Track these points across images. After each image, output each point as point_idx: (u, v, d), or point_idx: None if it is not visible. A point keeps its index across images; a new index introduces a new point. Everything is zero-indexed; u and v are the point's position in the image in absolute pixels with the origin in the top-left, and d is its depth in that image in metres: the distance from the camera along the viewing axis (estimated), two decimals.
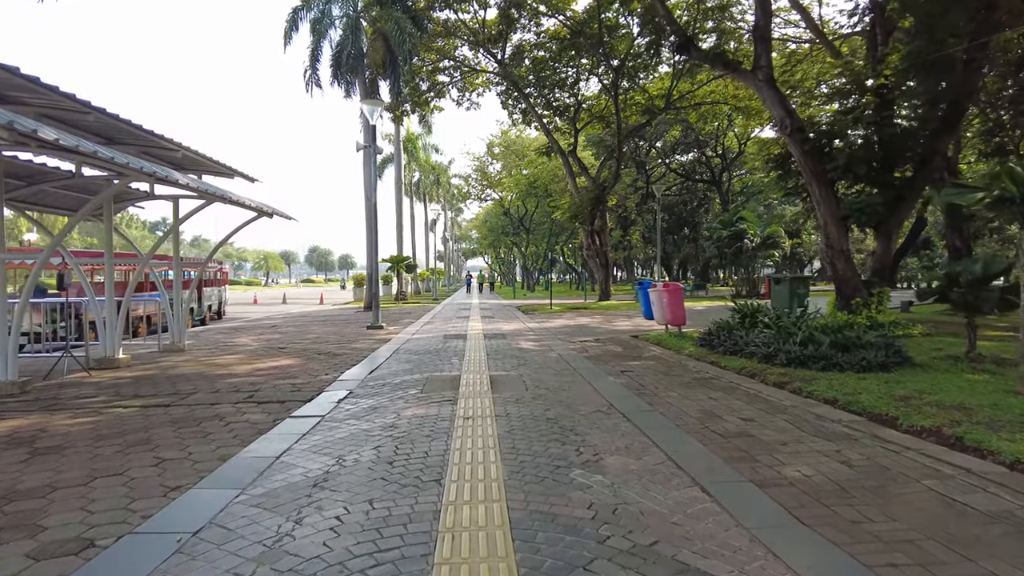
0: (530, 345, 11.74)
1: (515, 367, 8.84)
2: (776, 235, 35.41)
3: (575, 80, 29.29)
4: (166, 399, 6.92)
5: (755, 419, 5.69)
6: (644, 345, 11.60)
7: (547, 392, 6.89)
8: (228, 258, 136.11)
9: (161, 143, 9.74)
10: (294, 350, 11.52)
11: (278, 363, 9.76)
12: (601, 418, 5.67)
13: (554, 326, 16.15)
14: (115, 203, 12.41)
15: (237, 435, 5.28)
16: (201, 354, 11.20)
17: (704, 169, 55.49)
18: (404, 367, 8.92)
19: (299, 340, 13.51)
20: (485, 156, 51.02)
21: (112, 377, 8.61)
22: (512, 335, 13.69)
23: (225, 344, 13.04)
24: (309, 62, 25.41)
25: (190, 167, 11.89)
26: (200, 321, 22.35)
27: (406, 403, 6.32)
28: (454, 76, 31.09)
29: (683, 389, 7.23)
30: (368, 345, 12.11)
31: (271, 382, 7.94)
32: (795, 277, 20.98)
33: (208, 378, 8.36)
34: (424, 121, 37.54)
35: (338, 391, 7.15)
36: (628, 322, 17.14)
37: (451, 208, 73.58)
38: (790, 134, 12.72)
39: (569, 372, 8.41)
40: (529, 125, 34.34)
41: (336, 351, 11.22)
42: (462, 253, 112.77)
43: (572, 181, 29.99)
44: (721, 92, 32.60)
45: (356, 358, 10.13)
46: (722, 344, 10.15)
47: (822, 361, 8.24)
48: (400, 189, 38.29)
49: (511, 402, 6.27)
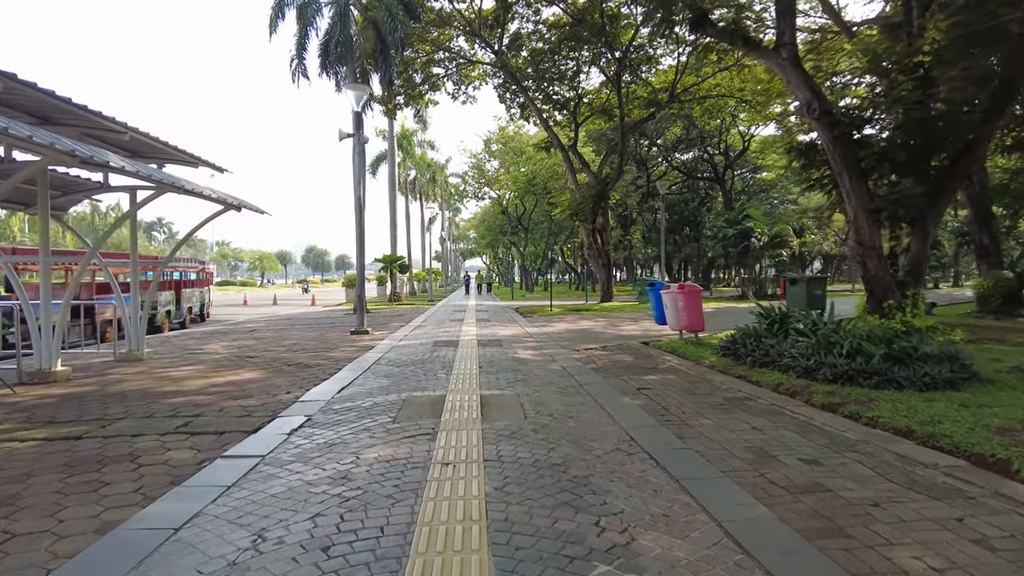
0: (529, 354, 10.43)
1: (511, 383, 7.52)
2: (784, 234, 34.18)
3: (575, 72, 27.99)
4: (83, 427, 5.61)
5: (820, 461, 4.39)
6: (658, 354, 10.29)
7: (551, 420, 5.57)
8: (224, 258, 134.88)
9: (105, 124, 8.43)
10: (263, 360, 10.20)
11: (239, 377, 8.44)
12: (623, 462, 4.37)
13: (555, 331, 14.85)
14: (66, 195, 11.14)
15: (141, 487, 3.97)
16: (158, 365, 9.88)
17: (707, 167, 54.23)
18: (380, 384, 7.60)
19: (274, 347, 12.20)
20: (482, 153, 49.71)
21: (38, 395, 7.30)
22: (509, 342, 12.38)
23: (191, 352, 11.72)
24: (296, 51, 24.05)
25: (149, 155, 10.60)
26: (179, 324, 21.07)
27: (372, 437, 5.00)
28: (449, 68, 29.80)
29: (716, 414, 5.93)
30: (347, 354, 10.79)
31: (220, 403, 6.63)
32: (812, 278, 19.72)
33: (149, 397, 7.05)
34: (419, 116, 36.24)
35: (294, 417, 5.84)
36: (635, 326, 15.84)
37: (449, 208, 72.26)
38: (818, 118, 11.43)
39: (575, 390, 7.10)
40: (528, 120, 33.05)
41: (309, 361, 9.90)
42: (460, 253, 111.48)
43: (572, 177, 28.69)
44: (727, 85, 31.45)
45: (329, 371, 8.82)
46: (749, 354, 8.86)
47: (875, 377, 6.94)
48: (394, 186, 36.94)
49: (505, 437, 4.96)
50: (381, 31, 23.82)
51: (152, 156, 10.64)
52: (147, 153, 10.43)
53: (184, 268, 22.18)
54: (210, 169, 11.44)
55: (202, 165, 10.98)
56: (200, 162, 10.89)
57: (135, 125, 8.46)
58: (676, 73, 28.22)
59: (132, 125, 8.68)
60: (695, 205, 58.14)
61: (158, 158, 10.84)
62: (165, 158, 10.76)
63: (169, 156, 10.58)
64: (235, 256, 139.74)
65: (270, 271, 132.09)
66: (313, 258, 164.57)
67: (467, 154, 52.23)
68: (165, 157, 10.70)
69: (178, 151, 9.99)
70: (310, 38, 24.22)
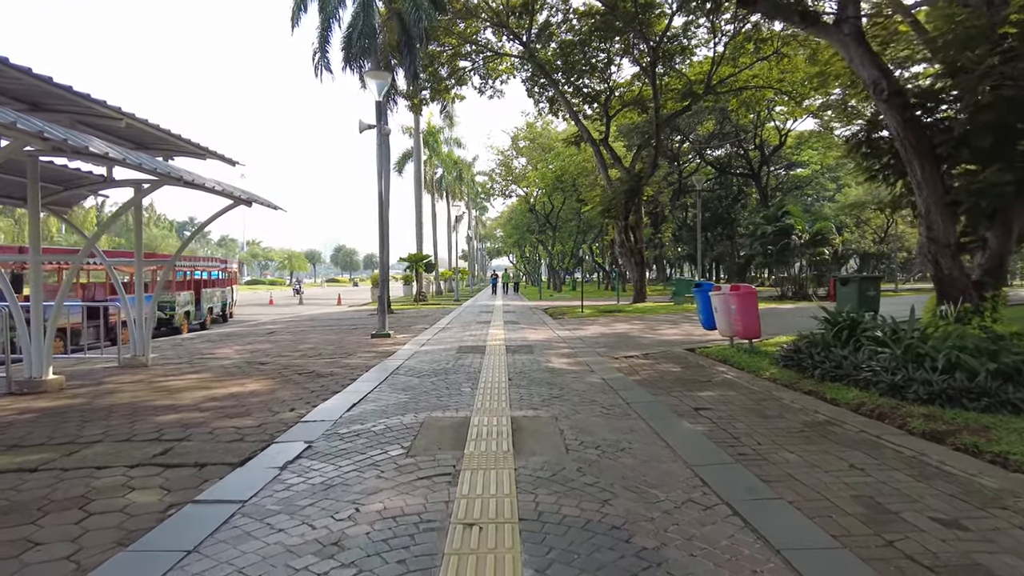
0: (563, 363, 9.43)
1: (546, 401, 6.53)
2: (825, 232, 32.53)
3: (607, 64, 26.84)
4: (47, 454, 4.79)
5: (962, 522, 3.32)
6: (709, 364, 9.20)
7: (598, 455, 4.56)
8: (254, 257, 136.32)
9: (98, 110, 7.66)
10: (273, 368, 9.37)
11: (242, 388, 7.60)
12: (700, 520, 3.35)
13: (589, 335, 13.81)
14: (68, 190, 10.45)
15: (77, 552, 3.09)
16: (160, 373, 9.12)
17: (741, 162, 52.47)
18: (397, 400, 6.67)
19: (288, 352, 11.40)
20: (510, 150, 48.74)
21: (18, 410, 6.53)
22: (540, 348, 11.39)
23: (200, 357, 10.98)
24: (318, 43, 23.36)
25: (155, 147, 9.85)
26: (199, 325, 20.53)
27: (379, 477, 4.05)
28: (476, 61, 28.88)
29: (799, 444, 4.87)
30: (364, 361, 9.91)
31: (213, 423, 5.77)
32: (865, 277, 18.33)
33: (137, 413, 6.23)
34: (445, 112, 35.44)
35: (292, 444, 4.94)
36: (675, 330, 14.72)
37: (475, 207, 71.48)
38: (886, 99, 10.20)
39: (622, 410, 6.08)
40: (556, 115, 31.96)
41: (322, 369, 9.04)
42: (487, 252, 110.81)
43: (604, 173, 27.55)
44: (765, 76, 30.05)
45: (342, 381, 7.93)
46: (817, 366, 7.74)
47: (983, 398, 5.79)
48: (419, 184, 36.21)
49: (544, 481, 3.96)
50: (406, 22, 23.01)
51: (159, 148, 9.89)
52: (153, 145, 9.68)
53: (204, 267, 21.65)
54: (220, 162, 10.68)
55: (210, 157, 10.19)
56: (208, 154, 10.10)
57: (120, 107, 7.65)
58: (712, 64, 26.92)
59: (128, 111, 7.90)
60: (728, 202, 56.42)
61: (165, 150, 10.09)
62: (171, 150, 10.00)
63: (174, 147, 9.82)
64: (265, 255, 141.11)
65: (299, 270, 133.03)
66: (342, 257, 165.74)
67: (494, 151, 51.37)
68: (171, 149, 9.94)
69: (182, 141, 9.21)
70: (333, 30, 23.54)
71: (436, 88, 28.03)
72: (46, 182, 9.78)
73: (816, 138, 52.19)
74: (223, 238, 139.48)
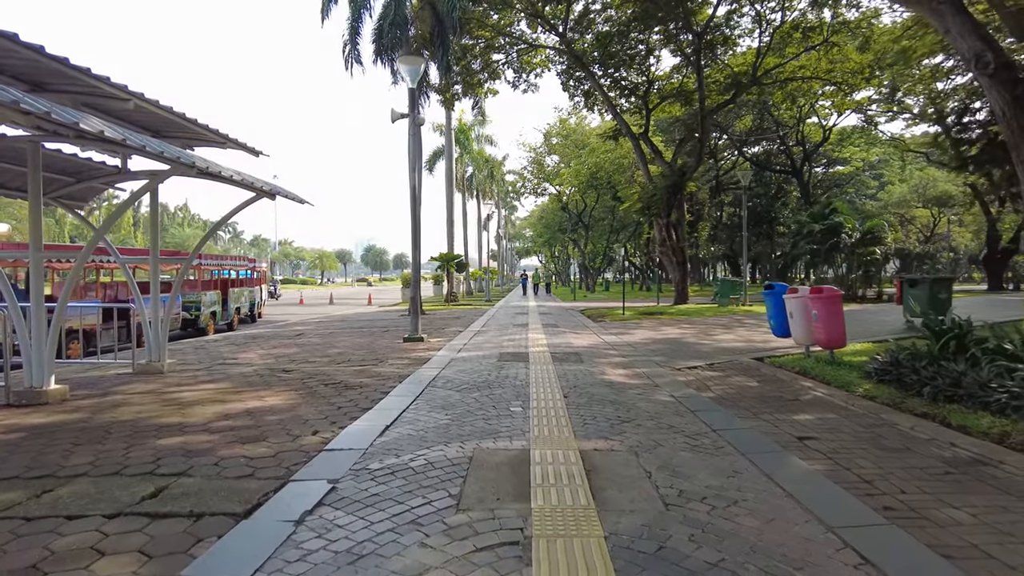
0: (620, 375, 8.34)
1: (615, 426, 5.47)
2: (877, 230, 30.76)
3: (647, 53, 25.58)
4: (13, 494, 3.90)
5: None
6: (788, 377, 8.02)
7: (708, 512, 3.48)
8: (286, 257, 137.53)
9: (103, 89, 6.84)
10: (298, 377, 8.48)
11: (261, 403, 6.70)
12: None
13: (638, 340, 12.69)
14: (81, 182, 9.70)
15: None
16: (175, 381, 8.30)
17: (781, 159, 50.53)
18: (436, 421, 5.67)
19: (315, 357, 10.53)
20: (542, 147, 47.61)
21: (5, 427, 5.71)
22: (589, 355, 10.32)
23: (222, 362, 10.18)
24: (348, 35, 22.66)
25: (171, 133, 9.06)
26: (227, 326, 19.92)
27: (423, 545, 3.04)
28: (509, 54, 27.88)
29: (956, 494, 3.74)
30: (396, 369, 8.97)
31: (221, 449, 4.85)
32: (937, 278, 16.79)
33: (137, 435, 5.35)
34: (477, 107, 34.48)
35: (313, 483, 3.97)
36: (731, 335, 13.51)
37: (505, 206, 70.55)
38: (992, 74, 8.88)
39: (712, 441, 4.99)
40: (592, 109, 30.75)
41: (351, 379, 8.11)
42: (516, 252, 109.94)
43: (644, 168, 26.33)
44: (812, 67, 28.50)
45: (372, 395, 6.98)
46: (925, 382, 6.55)
47: None
48: (451, 182, 35.34)
49: (650, 559, 2.86)
50: (439, 11, 22.13)
51: (172, 136, 9.08)
52: (165, 132, 8.88)
53: (232, 266, 21.04)
54: (243, 152, 9.85)
55: (231, 146, 9.36)
56: (229, 142, 9.27)
57: (127, 86, 6.81)
58: (757, 55, 25.49)
59: (136, 91, 7.06)
60: (767, 200, 54.48)
61: (180, 138, 9.29)
62: (187, 138, 9.20)
63: (190, 135, 9.01)
64: (296, 255, 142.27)
65: (329, 270, 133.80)
66: (372, 257, 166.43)
67: (525, 148, 50.27)
68: (187, 137, 9.14)
69: (198, 126, 8.37)
70: (364, 21, 22.80)
71: (469, 82, 27.10)
72: (55, 173, 9.06)
73: (858, 134, 50.18)
74: (256, 238, 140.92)
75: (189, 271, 18.50)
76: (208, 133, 8.89)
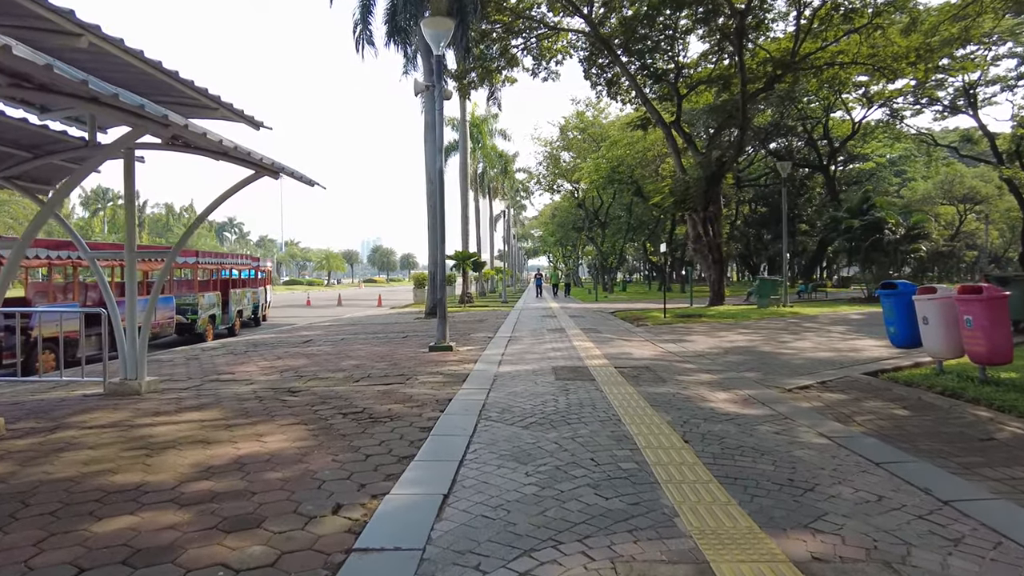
0: (726, 401, 6.44)
1: (797, 499, 3.59)
2: (922, 225, 28.80)
3: (687, 31, 23.63)
4: None
5: None
6: (945, 403, 6.10)
7: None
8: (293, 258, 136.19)
9: (44, 17, 5.03)
10: (307, 401, 6.66)
11: (259, 447, 4.86)
12: None
13: (704, 349, 10.81)
14: (39, 158, 7.86)
15: None
16: (151, 408, 6.48)
17: (807, 152, 48.36)
18: (518, 491, 3.79)
19: (328, 372, 8.71)
20: (558, 141, 45.69)
21: None
22: (665, 371, 8.43)
23: (215, 378, 8.37)
24: (359, 14, 20.85)
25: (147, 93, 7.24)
26: (228, 330, 18.15)
27: None
28: (529, 40, 26.09)
29: None
30: (431, 391, 7.12)
31: (191, 545, 3.02)
32: None
33: (68, 509, 3.53)
34: (493, 97, 32.70)
35: None
36: (805, 342, 11.62)
37: (513, 205, 68.61)
38: None
39: (971, 529, 3.12)
40: (615, 98, 28.78)
41: (376, 406, 6.26)
42: (524, 252, 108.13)
43: (676, 158, 24.44)
44: (851, 52, 26.57)
45: (409, 433, 5.13)
46: None
47: None
48: (465, 177, 33.52)
49: None
50: None
51: (154, 96, 7.27)
52: (135, 89, 7.06)
53: (233, 265, 19.25)
54: (240, 123, 8.05)
55: (225, 111, 7.54)
56: (222, 107, 7.46)
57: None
58: (795, 39, 23.48)
59: (91, 23, 5.24)
60: (790, 196, 52.37)
61: (166, 101, 7.48)
62: (168, 101, 7.38)
63: (169, 96, 7.20)
64: (303, 256, 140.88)
65: (336, 270, 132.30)
66: (379, 257, 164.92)
67: (540, 143, 48.28)
68: (166, 100, 7.32)
69: (178, 81, 6.57)
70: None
71: (487, 68, 25.31)
72: (6, 145, 7.27)
73: (882, 129, 48.06)
74: (262, 238, 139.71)
75: (180, 270, 16.74)
76: (189, 90, 7.05)
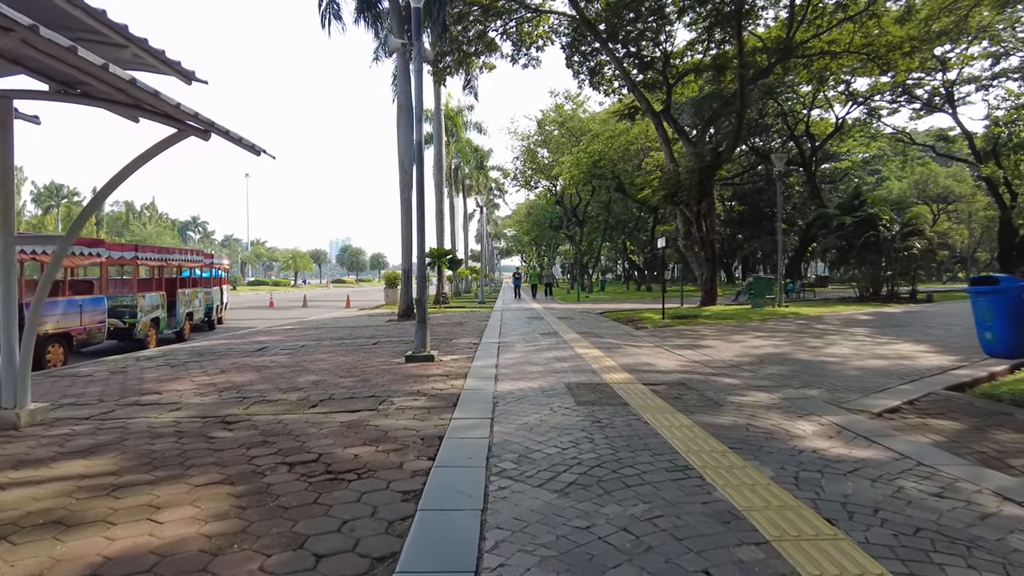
0: (815, 434, 4.81)
1: None
2: (918, 221, 27.91)
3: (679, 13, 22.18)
4: None
5: None
6: None
7: None
8: (259, 257, 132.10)
9: None
10: (244, 439, 4.85)
11: (147, 537, 3.06)
12: None
13: (731, 357, 9.22)
14: None
15: None
16: (22, 450, 4.62)
17: (790, 150, 47.54)
18: None
19: (279, 391, 6.88)
20: (535, 136, 44.04)
21: None
22: (704, 387, 6.79)
23: (137, 400, 6.50)
24: None
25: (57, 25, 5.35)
26: (176, 335, 16.08)
27: None
28: (508, 23, 24.42)
29: None
30: (413, 422, 5.36)
31: None
32: None
33: None
34: (470, 86, 30.92)
35: None
36: (834, 347, 10.13)
37: (487, 203, 66.89)
38: None
39: None
40: (598, 88, 27.21)
41: (338, 450, 4.49)
42: (498, 252, 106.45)
43: (667, 149, 22.97)
44: (844, 41, 25.54)
45: (386, 505, 3.38)
46: None
47: None
48: (440, 170, 31.68)
49: None
50: None
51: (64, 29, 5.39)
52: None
53: (182, 262, 17.12)
54: (165, 72, 6.20)
55: (136, 49, 5.67)
56: (133, 43, 5.60)
57: None
58: (788, 27, 22.17)
59: None
60: (769, 195, 51.65)
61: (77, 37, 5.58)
62: (73, 37, 5.49)
63: (70, 25, 5.32)
64: (269, 256, 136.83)
65: (303, 270, 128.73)
66: (348, 257, 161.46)
67: (517, 136, 46.55)
68: (69, 31, 5.43)
69: (91, 13, 4.71)
70: None
71: (465, 52, 23.54)
72: None
73: (859, 128, 47.53)
74: (227, 237, 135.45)
75: (119, 267, 14.65)
76: (106, 30, 5.21)
